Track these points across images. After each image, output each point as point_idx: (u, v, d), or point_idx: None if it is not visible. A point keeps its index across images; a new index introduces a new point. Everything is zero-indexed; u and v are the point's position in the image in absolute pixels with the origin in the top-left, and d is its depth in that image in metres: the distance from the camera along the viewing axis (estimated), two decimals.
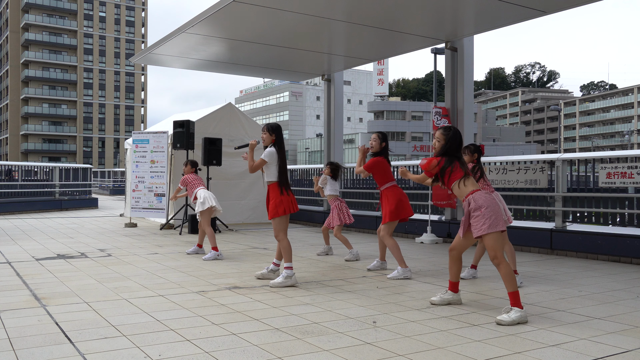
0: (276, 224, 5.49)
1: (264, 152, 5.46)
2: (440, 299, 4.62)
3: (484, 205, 4.29)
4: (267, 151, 5.45)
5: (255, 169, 5.48)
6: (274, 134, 5.52)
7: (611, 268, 6.62)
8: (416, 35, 9.04)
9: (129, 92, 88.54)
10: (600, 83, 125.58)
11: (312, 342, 3.51)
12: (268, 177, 5.51)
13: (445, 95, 9.54)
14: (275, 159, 5.46)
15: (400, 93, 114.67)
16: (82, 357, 3.20)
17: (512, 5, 7.34)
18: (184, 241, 9.09)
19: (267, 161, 5.42)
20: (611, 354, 3.34)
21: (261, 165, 5.43)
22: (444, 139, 4.50)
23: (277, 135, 5.54)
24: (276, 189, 5.47)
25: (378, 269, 6.37)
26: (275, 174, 5.46)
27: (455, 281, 4.62)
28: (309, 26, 8.57)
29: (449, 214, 9.44)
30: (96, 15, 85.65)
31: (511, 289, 4.14)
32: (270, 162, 5.44)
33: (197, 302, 4.62)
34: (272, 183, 5.49)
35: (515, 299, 4.11)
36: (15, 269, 6.21)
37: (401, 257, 5.94)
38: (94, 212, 16.03)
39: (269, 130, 5.52)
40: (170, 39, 9.31)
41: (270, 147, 5.50)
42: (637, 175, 6.96)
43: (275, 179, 5.46)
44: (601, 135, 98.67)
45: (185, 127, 10.41)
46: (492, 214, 4.27)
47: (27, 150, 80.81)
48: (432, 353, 3.33)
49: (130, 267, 6.41)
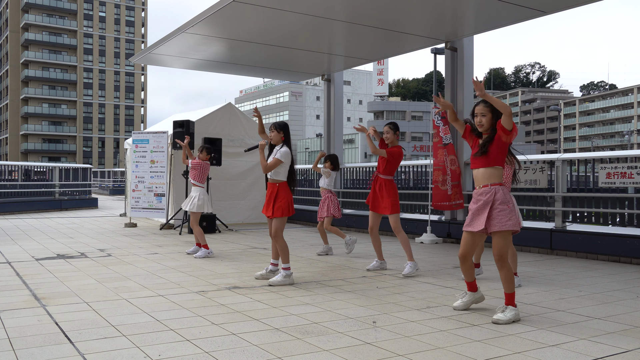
0: (280, 223, 5.51)
1: (280, 152, 5.45)
2: (462, 303, 4.44)
3: (512, 201, 4.20)
4: (283, 151, 5.46)
5: (270, 169, 5.44)
6: (282, 132, 5.53)
7: (611, 268, 6.62)
8: (416, 35, 9.04)
9: (128, 92, 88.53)
10: (600, 83, 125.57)
11: (312, 342, 3.51)
12: (277, 176, 5.51)
13: (445, 95, 9.54)
14: (290, 159, 5.49)
15: (400, 93, 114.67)
16: (81, 357, 3.19)
17: (512, 5, 7.34)
18: (183, 241, 9.09)
19: (283, 161, 5.44)
20: (611, 354, 3.34)
21: (276, 165, 5.41)
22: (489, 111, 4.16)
23: (285, 133, 5.55)
24: (287, 188, 5.51)
25: (378, 269, 6.37)
26: (286, 173, 5.51)
27: (471, 281, 4.46)
28: (309, 26, 8.57)
29: (448, 214, 9.44)
30: (96, 15, 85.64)
31: (509, 290, 4.13)
32: (285, 162, 5.47)
33: (197, 302, 4.62)
34: (282, 182, 5.51)
35: (511, 299, 4.11)
36: (15, 269, 6.21)
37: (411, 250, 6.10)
38: (94, 212, 16.03)
39: (277, 128, 5.52)
40: (170, 39, 9.31)
41: (282, 146, 5.50)
42: (637, 175, 6.96)
43: (285, 179, 5.52)
44: (601, 136, 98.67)
45: (185, 127, 10.41)
46: (516, 212, 4.21)
47: (27, 150, 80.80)
48: (432, 353, 3.33)
49: (130, 267, 6.40)
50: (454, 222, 9.22)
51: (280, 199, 5.46)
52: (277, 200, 5.47)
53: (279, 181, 5.51)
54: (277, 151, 5.48)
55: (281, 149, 5.47)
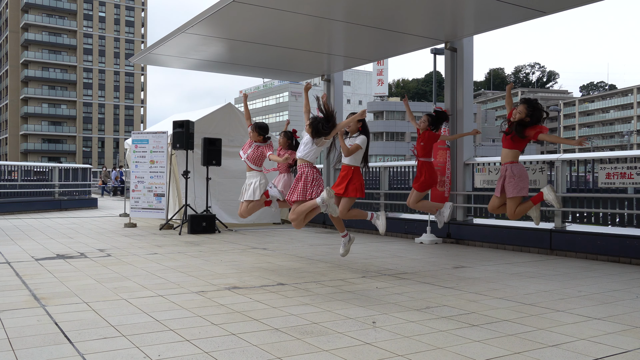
0: (349, 202, 6.10)
1: (359, 139, 6.04)
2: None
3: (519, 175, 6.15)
4: (362, 138, 6.05)
5: (351, 153, 6.03)
6: (360, 123, 6.10)
7: (611, 268, 6.62)
8: (416, 36, 9.04)
9: (128, 92, 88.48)
10: (600, 83, 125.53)
11: (312, 343, 3.51)
12: (352, 162, 6.08)
13: (444, 95, 9.54)
14: (366, 145, 6.11)
15: (400, 93, 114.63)
16: (81, 357, 3.19)
17: (512, 6, 7.34)
18: (183, 241, 9.09)
19: (362, 147, 6.05)
20: (611, 354, 3.33)
21: (357, 149, 6.02)
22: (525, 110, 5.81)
23: (363, 124, 6.14)
24: (360, 172, 6.14)
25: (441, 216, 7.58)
26: (360, 159, 6.10)
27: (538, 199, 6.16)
28: (309, 26, 8.57)
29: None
30: (96, 15, 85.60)
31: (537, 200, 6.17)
32: (363, 147, 6.08)
33: (196, 302, 4.62)
34: (356, 167, 6.11)
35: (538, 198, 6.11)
36: (14, 269, 6.21)
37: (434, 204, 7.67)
38: (94, 212, 16.03)
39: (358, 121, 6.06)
40: (170, 39, 9.30)
41: (359, 134, 6.09)
42: (637, 176, 6.97)
43: (359, 164, 6.12)
44: (601, 136, 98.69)
45: (184, 127, 10.41)
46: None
47: (26, 150, 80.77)
48: (431, 353, 3.33)
49: (130, 267, 6.40)
50: (454, 223, 9.22)
51: (355, 180, 6.04)
52: (351, 182, 6.03)
53: (354, 165, 6.09)
54: (357, 137, 6.07)
55: (360, 136, 6.07)
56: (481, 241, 8.70)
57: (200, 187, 11.12)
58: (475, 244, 8.79)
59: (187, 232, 10.33)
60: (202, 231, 10.34)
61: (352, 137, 6.16)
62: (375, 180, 11.15)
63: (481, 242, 8.68)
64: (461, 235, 9.07)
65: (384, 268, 6.52)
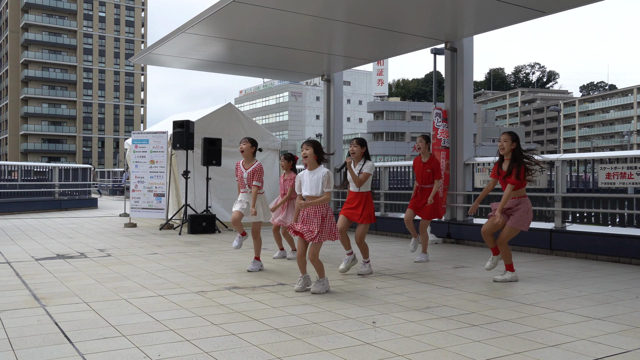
0: (365, 228, 6.05)
1: (367, 166, 6.02)
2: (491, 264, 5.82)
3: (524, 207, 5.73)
4: (370, 165, 6.06)
5: (363, 182, 5.99)
6: (364, 148, 6.11)
7: (611, 268, 6.62)
8: (416, 36, 9.04)
9: (128, 92, 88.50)
10: (600, 83, 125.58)
11: (312, 343, 3.51)
12: (362, 188, 6.02)
13: (445, 95, 9.54)
14: (374, 171, 6.11)
15: (400, 93, 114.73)
16: (81, 357, 3.19)
17: (512, 6, 7.34)
18: (183, 241, 9.09)
19: (371, 174, 6.05)
20: (611, 354, 3.33)
21: (367, 177, 6.00)
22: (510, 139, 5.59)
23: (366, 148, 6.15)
24: (371, 197, 6.09)
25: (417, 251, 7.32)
26: (370, 184, 6.08)
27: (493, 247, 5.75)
28: (308, 26, 8.57)
29: (448, 215, 9.43)
30: (96, 15, 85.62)
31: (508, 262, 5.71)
32: (372, 174, 6.09)
33: (196, 302, 4.62)
34: (368, 192, 6.07)
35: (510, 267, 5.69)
36: (14, 269, 6.21)
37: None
38: (94, 212, 16.03)
39: (360, 144, 6.08)
40: (170, 39, 9.30)
41: (366, 160, 6.08)
42: (637, 176, 6.97)
43: (370, 189, 6.08)
44: (601, 136, 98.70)
45: (184, 127, 10.41)
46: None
47: (26, 150, 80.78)
48: (432, 353, 3.33)
49: (130, 267, 6.40)
50: (454, 223, 9.22)
51: (368, 207, 6.02)
52: (365, 209, 5.99)
53: (365, 191, 6.04)
54: (364, 165, 6.04)
55: (367, 163, 6.07)
56: (481, 241, 8.69)
57: (200, 187, 11.12)
58: (475, 244, 8.79)
59: (187, 232, 10.33)
60: (202, 231, 10.34)
61: (359, 165, 6.06)
62: (375, 180, 11.15)
63: (481, 242, 8.67)
64: (461, 235, 9.07)
65: (384, 268, 6.52)
